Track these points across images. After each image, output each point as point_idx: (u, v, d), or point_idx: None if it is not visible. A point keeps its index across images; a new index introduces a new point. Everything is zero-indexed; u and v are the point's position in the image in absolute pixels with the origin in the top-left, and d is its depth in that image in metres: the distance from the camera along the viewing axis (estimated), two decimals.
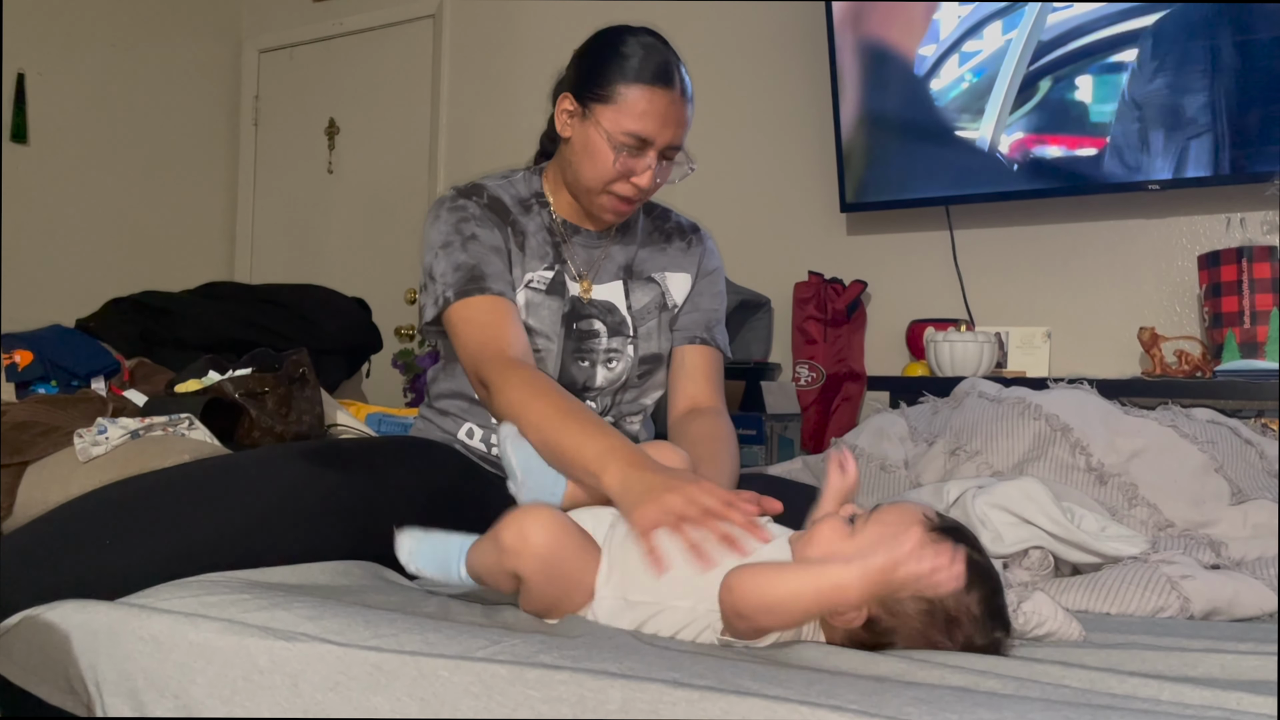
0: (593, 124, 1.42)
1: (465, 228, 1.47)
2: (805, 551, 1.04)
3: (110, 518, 1.18)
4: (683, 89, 1.43)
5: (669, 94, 1.41)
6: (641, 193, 1.47)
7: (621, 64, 1.41)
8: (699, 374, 1.58)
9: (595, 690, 0.80)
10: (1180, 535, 1.55)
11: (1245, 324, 2.29)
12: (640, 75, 1.40)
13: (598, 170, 1.43)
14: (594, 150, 1.43)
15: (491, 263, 1.45)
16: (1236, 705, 0.81)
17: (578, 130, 1.45)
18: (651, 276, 1.59)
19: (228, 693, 0.89)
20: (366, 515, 1.28)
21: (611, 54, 1.42)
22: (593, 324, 1.52)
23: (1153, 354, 2.44)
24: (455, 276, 1.43)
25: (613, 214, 1.50)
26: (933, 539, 0.99)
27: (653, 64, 1.41)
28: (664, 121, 1.41)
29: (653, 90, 1.40)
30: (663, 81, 1.40)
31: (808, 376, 2.92)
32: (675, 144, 1.44)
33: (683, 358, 1.60)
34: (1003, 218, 2.87)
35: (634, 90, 1.40)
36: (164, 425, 1.76)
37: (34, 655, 0.99)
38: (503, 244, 1.49)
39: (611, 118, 1.41)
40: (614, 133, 1.40)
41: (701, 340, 1.60)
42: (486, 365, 1.37)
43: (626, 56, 1.41)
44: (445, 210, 1.50)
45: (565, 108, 1.47)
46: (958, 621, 0.98)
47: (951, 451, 1.83)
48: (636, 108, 1.39)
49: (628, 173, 1.43)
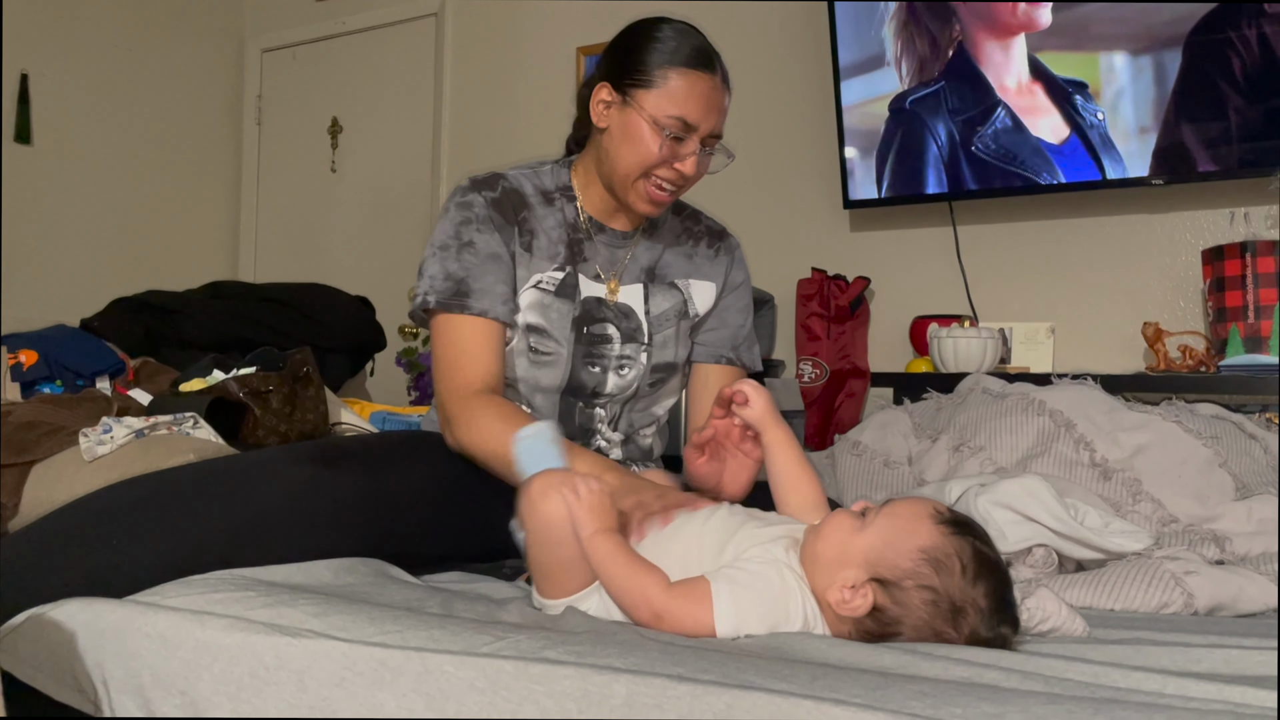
0: (634, 109, 1.40)
1: (464, 231, 1.45)
2: (814, 545, 1.05)
3: (117, 517, 1.18)
4: (724, 75, 1.43)
5: (711, 79, 1.40)
6: (684, 180, 1.44)
7: (662, 48, 1.40)
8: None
9: (600, 685, 0.80)
10: (1184, 531, 1.55)
11: (1249, 319, 2.29)
12: (684, 59, 1.39)
13: (639, 154, 1.41)
14: (635, 135, 1.40)
15: (482, 276, 1.43)
16: (1240, 699, 0.81)
17: (616, 118, 1.43)
18: (674, 282, 1.56)
19: (234, 690, 0.89)
20: (373, 513, 1.28)
21: (651, 40, 1.41)
22: (605, 328, 1.49)
23: (1156, 349, 2.44)
24: (443, 285, 1.43)
25: (650, 204, 1.45)
26: (941, 531, 1.00)
27: (693, 48, 1.41)
28: (708, 106, 1.40)
29: (696, 74, 1.39)
30: (705, 66, 1.40)
31: (811, 373, 2.92)
32: (717, 132, 1.43)
33: (706, 377, 1.58)
34: (1006, 214, 2.86)
35: (676, 73, 1.39)
36: (169, 424, 1.76)
37: (41, 653, 1.00)
38: (503, 248, 1.45)
39: (655, 102, 1.39)
40: (658, 116, 1.39)
41: (728, 360, 1.58)
42: (451, 399, 1.39)
43: (666, 40, 1.40)
44: (454, 206, 1.48)
45: (602, 97, 1.44)
46: (963, 612, 0.99)
47: (955, 447, 1.83)
48: (680, 91, 1.38)
49: (671, 158, 1.41)
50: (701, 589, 1.01)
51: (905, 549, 1.00)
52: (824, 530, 1.06)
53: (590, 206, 1.52)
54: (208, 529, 1.18)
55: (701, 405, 1.57)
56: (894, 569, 0.99)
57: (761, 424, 1.24)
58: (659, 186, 1.43)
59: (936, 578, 0.98)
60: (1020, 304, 2.84)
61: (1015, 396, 1.87)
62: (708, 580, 1.02)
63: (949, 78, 2.79)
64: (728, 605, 1.00)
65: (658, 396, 1.57)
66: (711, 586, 1.01)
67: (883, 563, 1.00)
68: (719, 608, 1.00)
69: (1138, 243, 2.71)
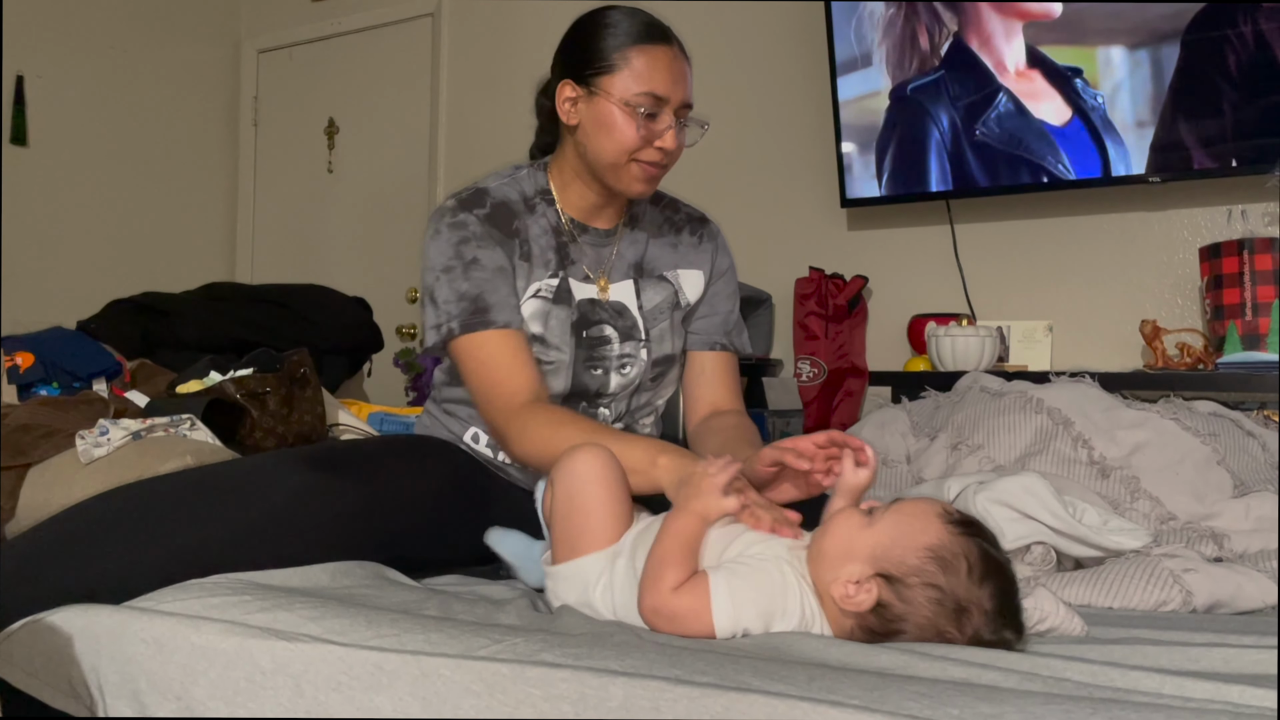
0: (602, 97, 1.40)
1: (466, 250, 1.42)
2: (822, 544, 1.05)
3: (113, 523, 1.18)
4: (680, 46, 1.44)
5: (670, 49, 1.41)
6: (668, 156, 1.44)
7: (615, 31, 1.40)
8: (719, 380, 1.58)
9: (597, 688, 0.80)
10: (1182, 528, 1.55)
11: (1247, 316, 2.29)
12: (637, 37, 1.40)
13: (618, 140, 1.40)
14: (610, 122, 1.40)
15: (496, 289, 1.42)
16: (1239, 699, 0.81)
17: (586, 111, 1.42)
18: (663, 274, 1.56)
19: (230, 694, 0.89)
20: (369, 519, 1.28)
21: (602, 27, 1.42)
22: (603, 330, 1.49)
23: (1154, 347, 2.44)
24: (459, 307, 1.40)
25: (643, 183, 1.45)
26: (950, 530, 1.00)
27: (645, 25, 1.41)
28: (673, 76, 1.40)
29: (655, 48, 1.40)
30: (661, 39, 1.41)
31: (809, 372, 2.92)
32: (688, 101, 1.43)
33: (702, 364, 1.59)
34: (1004, 212, 2.86)
35: (635, 51, 1.39)
36: (166, 426, 1.76)
37: (37, 659, 0.99)
38: (506, 262, 1.44)
39: (621, 84, 1.39)
40: (627, 97, 1.39)
41: (721, 346, 1.59)
42: (499, 415, 1.38)
43: (618, 24, 1.41)
44: (445, 227, 1.44)
45: (567, 95, 1.44)
46: (968, 613, 0.98)
47: (953, 446, 1.83)
48: (643, 67, 1.39)
49: (651, 137, 1.41)
50: (699, 582, 1.02)
51: (912, 546, 1.00)
52: (831, 526, 1.06)
53: (570, 208, 1.51)
54: (205, 535, 1.17)
55: (699, 393, 1.58)
56: (900, 565, 1.00)
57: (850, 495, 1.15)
58: (646, 165, 1.43)
59: (942, 576, 0.99)
60: (1018, 302, 2.84)
61: (1013, 395, 1.87)
62: (706, 574, 1.02)
63: (948, 66, 2.78)
64: (725, 597, 1.00)
65: (658, 389, 1.57)
66: (710, 579, 1.01)
67: (888, 559, 1.00)
68: (716, 600, 1.00)
69: (1135, 240, 2.71)
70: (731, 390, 1.59)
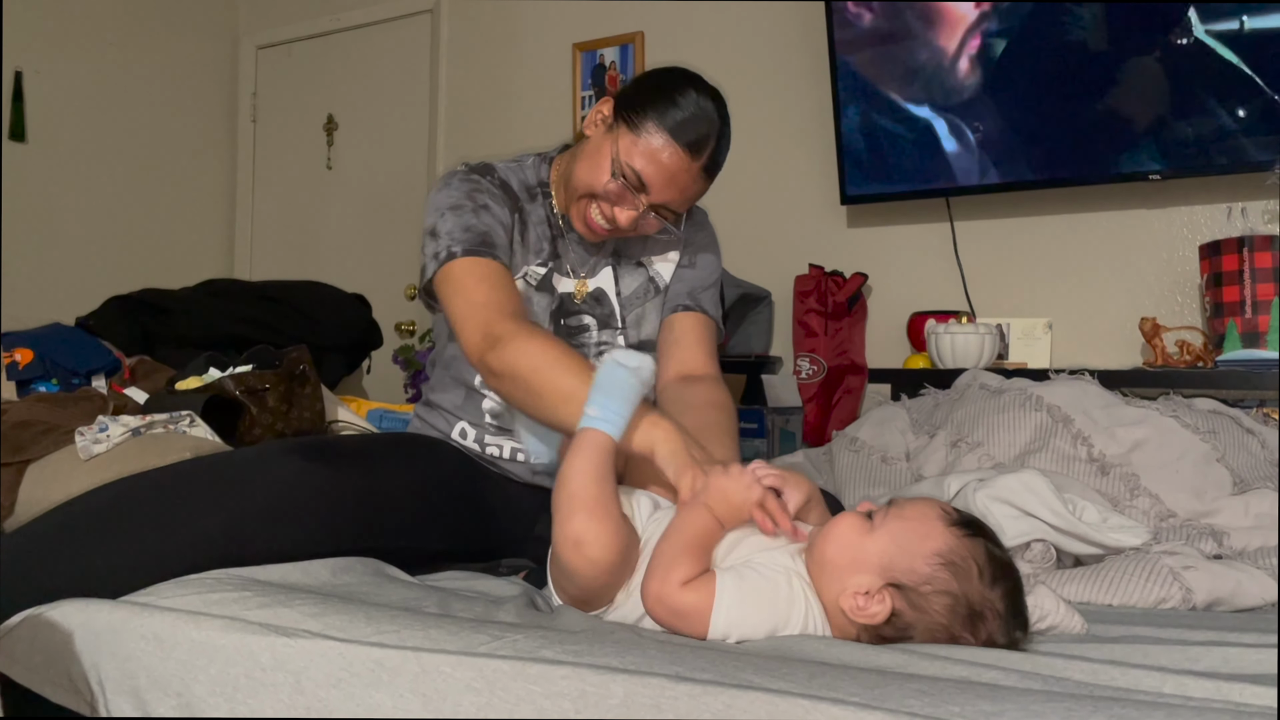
0: (612, 139, 1.41)
1: (479, 196, 1.46)
2: (822, 549, 1.03)
3: (110, 516, 1.17)
4: (706, 165, 1.41)
5: (689, 160, 1.39)
6: (614, 226, 1.44)
7: (667, 108, 1.39)
8: (687, 339, 1.55)
9: (597, 685, 0.80)
10: (1182, 525, 1.55)
11: (1246, 313, 2.28)
12: (672, 129, 1.38)
13: (590, 176, 1.43)
14: (598, 159, 1.42)
15: (500, 236, 1.44)
16: (1239, 698, 0.81)
17: (597, 136, 1.45)
18: (640, 261, 1.58)
19: (230, 690, 0.89)
20: (363, 510, 1.27)
21: (665, 95, 1.40)
22: (582, 319, 1.52)
23: (1154, 344, 2.44)
24: (465, 236, 1.40)
25: (585, 227, 1.47)
26: (955, 533, 0.99)
27: (692, 127, 1.38)
28: (668, 180, 1.40)
29: (675, 148, 1.38)
30: (690, 147, 1.39)
31: (809, 369, 2.92)
32: (670, 206, 1.43)
33: (671, 325, 1.57)
34: (1003, 209, 2.86)
35: (660, 135, 1.38)
36: (165, 423, 1.76)
37: (36, 655, 0.99)
38: (511, 226, 1.48)
39: (627, 145, 1.39)
40: (621, 157, 1.39)
41: (685, 307, 1.57)
42: (498, 317, 1.33)
43: (676, 105, 1.39)
44: (457, 180, 1.48)
45: (602, 111, 1.46)
46: (982, 617, 0.97)
47: (953, 443, 1.83)
48: (650, 151, 1.38)
49: (613, 198, 1.42)
50: (708, 582, 1.01)
51: (920, 552, 0.98)
52: (831, 534, 1.04)
53: (562, 205, 1.54)
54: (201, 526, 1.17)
55: (669, 353, 1.55)
56: (910, 574, 0.98)
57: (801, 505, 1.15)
58: (592, 217, 1.45)
59: (955, 582, 0.97)
60: (1017, 299, 2.84)
61: (1013, 392, 1.87)
62: (715, 575, 1.01)
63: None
64: (728, 604, 0.99)
65: None
66: (718, 582, 1.00)
67: (897, 567, 0.98)
68: (719, 605, 0.99)
69: (1135, 238, 2.71)
70: (702, 351, 1.55)
